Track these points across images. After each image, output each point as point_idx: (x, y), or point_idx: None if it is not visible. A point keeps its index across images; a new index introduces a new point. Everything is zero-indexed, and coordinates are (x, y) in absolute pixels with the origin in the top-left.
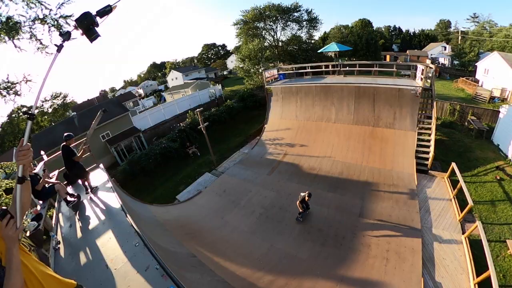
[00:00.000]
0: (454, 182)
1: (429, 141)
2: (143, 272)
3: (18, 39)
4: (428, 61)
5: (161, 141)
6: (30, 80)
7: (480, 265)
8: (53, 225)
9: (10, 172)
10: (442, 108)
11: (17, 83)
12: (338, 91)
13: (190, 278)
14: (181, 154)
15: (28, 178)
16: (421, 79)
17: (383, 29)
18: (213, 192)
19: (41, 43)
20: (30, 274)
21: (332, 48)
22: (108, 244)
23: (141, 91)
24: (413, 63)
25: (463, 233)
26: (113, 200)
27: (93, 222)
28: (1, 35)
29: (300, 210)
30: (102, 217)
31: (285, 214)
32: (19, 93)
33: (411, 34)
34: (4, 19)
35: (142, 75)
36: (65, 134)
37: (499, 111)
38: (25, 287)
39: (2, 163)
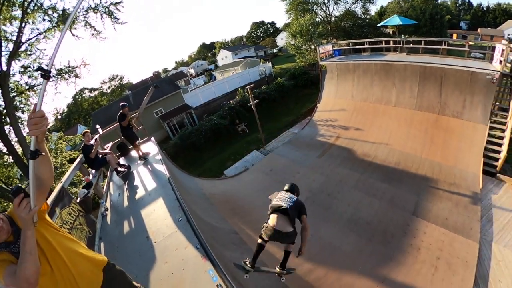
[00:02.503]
0: None
1: (502, 138)
2: (182, 250)
3: (75, 28)
4: (504, 42)
5: (212, 117)
6: (88, 64)
7: None
8: (104, 193)
9: (73, 144)
10: None
11: (76, 67)
12: (401, 71)
13: (230, 258)
14: (230, 131)
15: (43, 153)
16: (500, 62)
17: (449, 3)
18: (260, 170)
19: (95, 29)
20: (53, 251)
21: (394, 21)
22: (152, 216)
23: (192, 71)
24: (490, 42)
25: None
26: (162, 172)
27: (140, 193)
28: (60, 26)
29: None
30: (150, 188)
31: (332, 201)
32: (79, 76)
33: (484, 9)
34: (60, 12)
35: (193, 56)
36: (121, 103)
37: None
38: (47, 265)
39: (66, 136)
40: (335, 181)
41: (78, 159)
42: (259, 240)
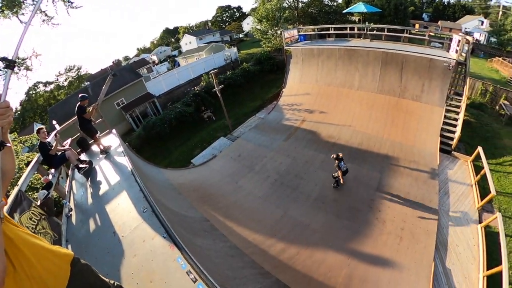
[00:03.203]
0: (477, 168)
1: (456, 120)
2: (150, 241)
3: (23, 14)
4: (461, 34)
5: (176, 105)
6: (39, 55)
7: (492, 258)
8: (66, 192)
9: (30, 145)
10: (473, 87)
11: (27, 58)
12: (364, 56)
13: (201, 244)
14: (196, 119)
15: (8, 144)
16: (456, 51)
17: None
18: (228, 156)
19: (46, 15)
20: (15, 249)
21: (359, 8)
22: (117, 210)
23: (154, 58)
24: (448, 33)
25: (479, 222)
26: (124, 164)
27: (104, 188)
28: (5, 11)
29: (340, 176)
30: (113, 182)
31: (300, 182)
32: (30, 68)
33: (445, 3)
34: None
35: (155, 42)
36: (81, 94)
37: None
38: (9, 265)
39: (21, 137)
40: (302, 163)
41: (35, 159)
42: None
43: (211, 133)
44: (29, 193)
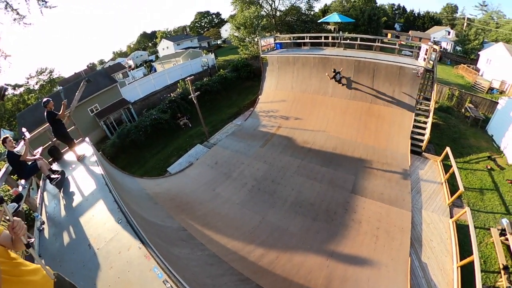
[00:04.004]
0: (446, 167)
1: (425, 123)
2: (126, 252)
3: None
4: (429, 44)
5: (151, 112)
6: (9, 55)
7: (464, 249)
8: (38, 204)
9: None
10: (440, 92)
11: None
12: (337, 64)
13: (179, 254)
14: (172, 126)
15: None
16: (424, 59)
17: (386, 7)
18: (205, 164)
19: (17, 13)
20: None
21: (333, 18)
22: (92, 222)
23: (131, 62)
24: (418, 42)
25: (451, 217)
26: (98, 174)
27: (77, 199)
28: None
29: None
30: (87, 193)
31: (277, 187)
32: None
33: (415, 14)
34: None
35: (132, 46)
36: (44, 100)
37: (497, 102)
38: None
39: None
40: (278, 168)
41: (3, 169)
42: None
43: (187, 140)
44: None
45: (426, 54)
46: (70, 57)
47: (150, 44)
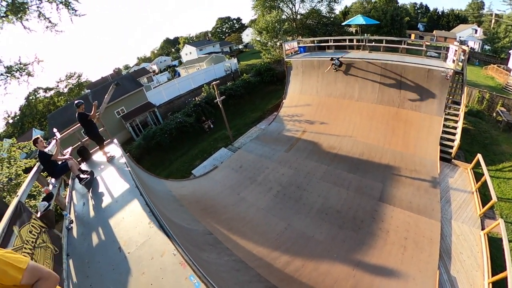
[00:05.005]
0: (477, 175)
1: (455, 128)
2: (159, 258)
3: (27, 19)
4: (456, 44)
5: (176, 115)
6: (42, 61)
7: (496, 264)
8: (67, 203)
9: (28, 151)
10: (470, 95)
11: (29, 64)
12: (363, 67)
13: (207, 259)
14: (196, 129)
15: None
16: (453, 61)
17: (408, 6)
18: (229, 167)
19: (50, 21)
20: None
21: (358, 20)
22: (122, 224)
23: (155, 67)
24: (445, 43)
25: (482, 229)
26: (127, 176)
27: (107, 200)
28: (9, 16)
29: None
30: (116, 194)
31: (302, 193)
32: (32, 73)
33: (439, 13)
34: (10, 0)
35: (156, 51)
36: (76, 101)
37: None
38: None
39: (20, 143)
40: (304, 174)
41: (35, 168)
42: None
43: (211, 143)
44: (26, 200)
45: (455, 55)
46: (96, 62)
47: (173, 49)
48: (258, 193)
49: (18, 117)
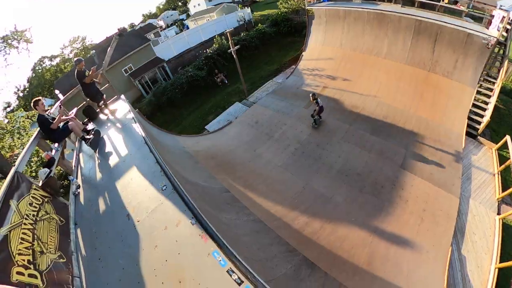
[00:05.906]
0: (501, 157)
1: (487, 103)
2: (173, 228)
3: None
4: (505, 9)
5: (187, 69)
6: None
7: (505, 251)
8: (73, 167)
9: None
10: (506, 71)
11: (25, 30)
12: (395, 22)
13: (227, 221)
14: (208, 83)
15: None
16: (498, 29)
17: None
18: (245, 122)
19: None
20: None
21: None
22: (130, 187)
23: (161, 23)
24: (489, 6)
25: (498, 213)
26: (136, 132)
27: (113, 160)
28: None
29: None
30: (123, 153)
31: (322, 152)
32: (30, 40)
33: None
34: None
35: (161, 7)
36: (75, 60)
37: None
38: None
39: (28, 113)
40: (324, 132)
41: (35, 134)
42: None
43: (225, 98)
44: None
45: (501, 22)
46: (100, 24)
47: (180, 3)
48: (275, 150)
49: (27, 89)
